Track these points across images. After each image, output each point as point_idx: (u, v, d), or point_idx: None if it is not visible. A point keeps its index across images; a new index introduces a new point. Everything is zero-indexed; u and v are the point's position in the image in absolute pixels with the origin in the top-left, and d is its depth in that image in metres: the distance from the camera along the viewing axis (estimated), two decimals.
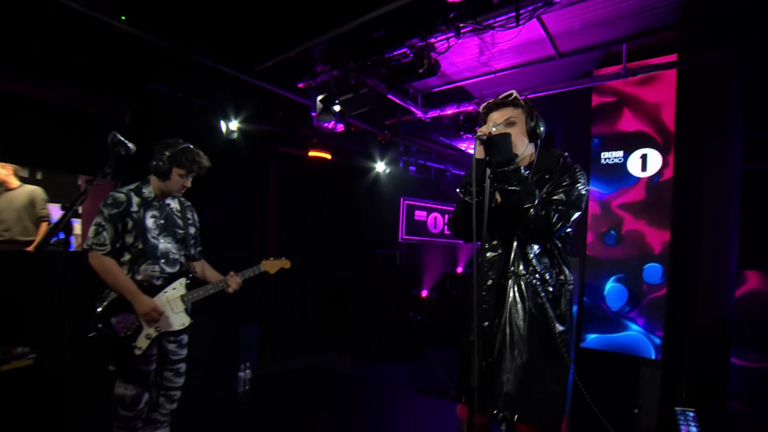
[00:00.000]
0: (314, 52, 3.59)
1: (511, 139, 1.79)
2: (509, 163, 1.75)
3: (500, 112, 1.97)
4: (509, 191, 1.77)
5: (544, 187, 1.89)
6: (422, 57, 3.15)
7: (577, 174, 1.90)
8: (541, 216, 1.75)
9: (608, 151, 4.32)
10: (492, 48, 3.86)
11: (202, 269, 3.06)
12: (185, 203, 2.98)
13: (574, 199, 1.83)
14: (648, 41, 3.88)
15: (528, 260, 1.89)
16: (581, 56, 4.09)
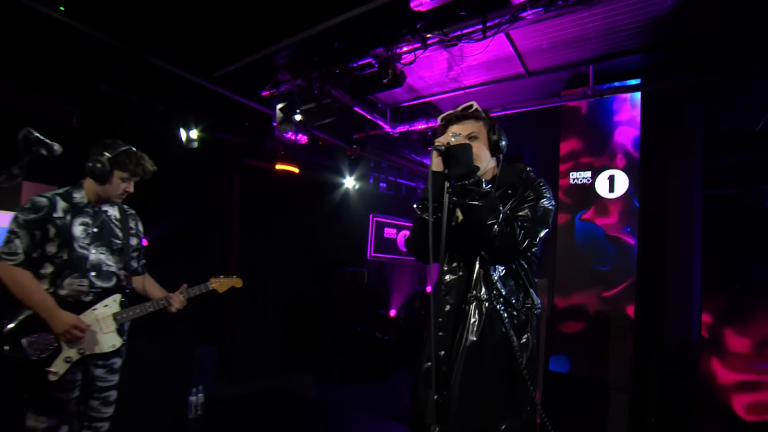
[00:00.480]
0: (277, 58, 3.38)
1: (472, 150, 1.63)
2: (470, 175, 1.59)
3: (461, 126, 1.81)
4: (470, 206, 1.59)
5: (508, 203, 1.73)
6: (387, 67, 2.98)
7: (541, 188, 1.74)
8: (506, 233, 1.58)
9: (577, 171, 4.24)
10: (461, 63, 3.74)
11: (144, 285, 2.75)
12: (128, 211, 2.67)
13: (540, 215, 1.67)
14: (614, 64, 3.85)
15: (491, 283, 1.71)
16: (550, 76, 4.02)
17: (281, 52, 3.29)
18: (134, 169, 2.41)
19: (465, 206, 1.61)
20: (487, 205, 1.58)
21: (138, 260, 2.70)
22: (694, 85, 3.90)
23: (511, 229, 1.59)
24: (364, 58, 3.22)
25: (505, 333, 1.70)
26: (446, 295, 1.80)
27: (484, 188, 1.59)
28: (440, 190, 1.67)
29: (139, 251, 2.70)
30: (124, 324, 2.55)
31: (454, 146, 1.61)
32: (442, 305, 1.79)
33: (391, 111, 4.62)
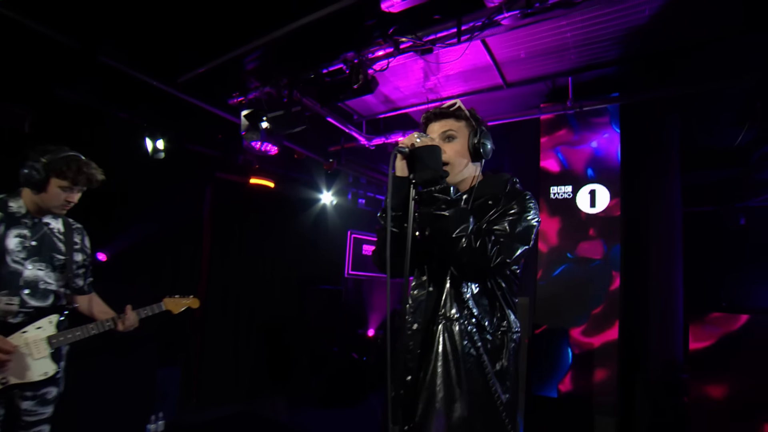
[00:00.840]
0: (245, 63, 3.18)
1: (439, 152, 1.44)
2: (436, 181, 1.40)
3: (440, 123, 1.61)
4: (435, 216, 1.40)
5: (486, 215, 1.54)
6: (358, 72, 2.79)
7: (527, 202, 1.53)
8: (475, 248, 1.39)
9: (557, 185, 4.08)
10: (437, 72, 3.59)
11: (90, 305, 2.45)
12: (73, 225, 2.40)
13: (520, 231, 1.46)
14: (593, 77, 3.75)
15: (462, 301, 1.52)
16: (529, 89, 3.91)
17: (249, 57, 3.09)
18: (75, 177, 2.15)
19: (429, 216, 1.42)
20: (455, 215, 1.39)
21: (84, 278, 2.43)
22: (672, 99, 3.83)
23: (482, 244, 1.38)
24: (335, 63, 3.04)
25: (478, 357, 1.47)
26: (414, 312, 1.61)
27: (452, 196, 1.40)
28: (405, 198, 1.46)
29: (85, 268, 2.42)
30: (62, 348, 2.25)
31: (419, 148, 1.41)
32: (409, 323, 1.60)
33: (367, 123, 4.44)
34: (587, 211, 3.93)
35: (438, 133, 1.59)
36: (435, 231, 1.44)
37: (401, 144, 1.46)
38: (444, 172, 1.44)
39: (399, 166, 1.49)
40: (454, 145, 1.57)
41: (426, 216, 1.43)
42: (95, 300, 2.48)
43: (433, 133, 1.60)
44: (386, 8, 2.51)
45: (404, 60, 3.29)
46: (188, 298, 2.64)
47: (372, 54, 2.89)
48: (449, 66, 3.47)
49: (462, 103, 1.70)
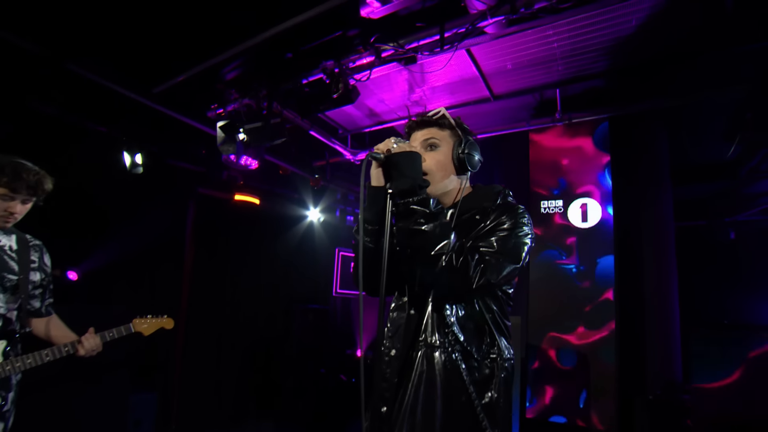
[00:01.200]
0: (224, 74, 3.03)
1: (419, 159, 1.29)
2: (414, 191, 1.25)
3: (423, 132, 1.46)
4: (413, 231, 1.25)
5: (473, 231, 1.37)
6: (338, 81, 2.63)
7: (519, 216, 1.37)
8: (456, 267, 1.23)
9: (548, 200, 3.92)
10: (423, 84, 3.46)
11: (47, 328, 2.21)
12: (31, 242, 2.16)
13: (509, 248, 1.30)
14: (581, 89, 3.64)
15: (446, 326, 1.35)
16: (517, 101, 3.79)
17: (227, 67, 2.94)
18: (10, 183, 1.89)
19: (407, 231, 1.26)
20: (434, 230, 1.23)
21: (42, 299, 2.18)
22: (661, 110, 3.72)
23: (464, 263, 1.23)
24: (315, 73, 2.90)
25: (463, 389, 1.28)
26: (392, 337, 1.44)
27: (431, 208, 1.25)
28: (382, 210, 1.30)
29: (43, 288, 2.18)
30: (11, 378, 2.01)
31: (396, 154, 1.27)
32: (385, 350, 1.44)
33: (352, 137, 4.29)
34: (579, 226, 3.77)
35: (419, 141, 1.44)
36: (413, 248, 1.27)
37: (376, 150, 1.31)
38: (424, 181, 1.29)
39: (374, 174, 1.34)
40: (435, 155, 1.42)
41: (403, 231, 1.27)
42: (54, 323, 2.25)
43: (415, 142, 1.45)
44: (366, 14, 2.38)
45: (388, 71, 3.17)
46: (161, 319, 2.44)
47: (353, 63, 2.75)
48: (435, 77, 3.34)
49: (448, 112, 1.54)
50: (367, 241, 1.39)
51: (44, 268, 2.20)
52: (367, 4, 2.35)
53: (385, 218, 1.26)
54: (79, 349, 2.09)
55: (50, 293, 2.24)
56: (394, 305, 1.50)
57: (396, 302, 1.49)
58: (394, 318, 1.47)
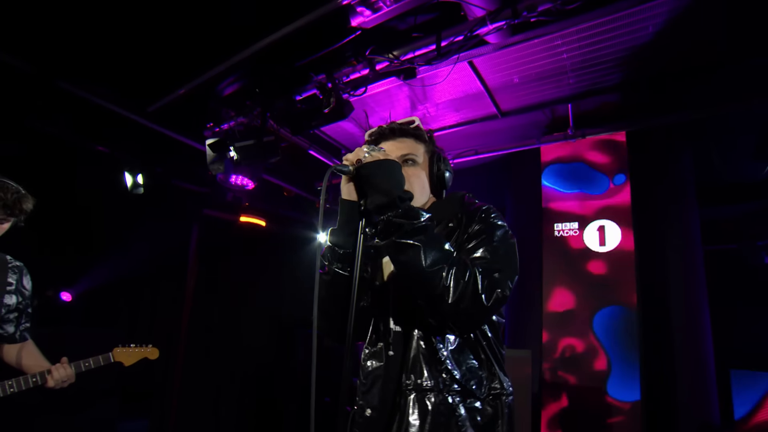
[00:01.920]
0: (219, 91, 2.87)
1: (398, 169, 1.07)
2: (394, 204, 1.02)
3: (396, 143, 1.27)
4: (399, 246, 1.02)
5: (452, 240, 1.18)
6: (329, 96, 2.43)
7: (491, 216, 1.18)
8: (464, 283, 1.00)
9: (562, 222, 3.58)
10: (425, 101, 3.23)
11: (19, 356, 2.01)
12: (10, 263, 2.00)
13: (503, 254, 1.11)
14: (596, 104, 3.34)
15: (438, 362, 1.11)
16: (527, 118, 3.52)
17: (220, 84, 2.79)
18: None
19: (393, 248, 1.03)
20: (428, 243, 1.01)
21: (16, 324, 2.00)
22: (683, 125, 3.37)
23: (471, 278, 1.00)
24: (308, 89, 2.71)
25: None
26: (366, 392, 1.19)
27: (420, 220, 1.02)
28: (355, 231, 1.11)
29: (19, 312, 2.00)
30: None
31: (367, 165, 1.05)
32: (359, 409, 1.19)
33: None
34: (596, 250, 3.40)
35: (396, 155, 1.22)
36: (401, 267, 1.05)
37: (345, 160, 1.09)
38: (405, 193, 1.06)
39: (345, 189, 1.13)
40: (415, 171, 1.24)
41: (389, 250, 1.04)
42: (27, 350, 2.04)
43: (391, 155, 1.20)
44: (357, 24, 2.18)
45: (387, 86, 2.97)
46: (144, 348, 2.28)
47: (347, 77, 2.55)
48: (437, 93, 3.12)
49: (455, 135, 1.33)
50: (339, 268, 1.17)
51: (22, 291, 2.03)
52: (358, 14, 2.16)
53: (357, 239, 1.07)
54: (49, 380, 1.89)
55: (27, 317, 2.06)
56: (366, 353, 1.24)
57: (368, 349, 1.24)
58: (369, 369, 1.21)
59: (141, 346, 2.27)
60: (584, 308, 3.29)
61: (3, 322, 1.94)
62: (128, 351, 2.22)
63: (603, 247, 3.39)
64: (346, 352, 1.05)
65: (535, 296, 3.50)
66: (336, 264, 1.17)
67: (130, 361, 2.23)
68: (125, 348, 2.22)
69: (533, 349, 3.07)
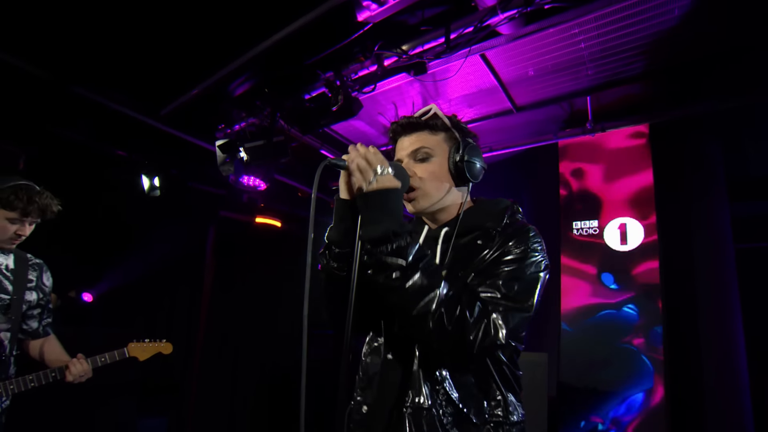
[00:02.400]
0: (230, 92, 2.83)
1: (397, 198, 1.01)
2: (387, 240, 0.96)
3: (411, 138, 1.19)
4: (386, 289, 0.98)
5: (474, 259, 1.08)
6: (337, 93, 2.36)
7: (531, 240, 1.08)
8: (448, 330, 0.95)
9: (580, 220, 3.40)
10: (437, 97, 3.12)
11: (42, 350, 2.09)
12: (30, 261, 2.06)
13: (520, 290, 1.01)
14: (615, 98, 3.16)
15: (436, 382, 1.05)
16: (544, 113, 3.37)
17: (230, 85, 2.75)
18: (25, 207, 1.86)
19: (380, 288, 0.99)
20: (415, 286, 0.95)
21: (39, 319, 2.08)
22: (710, 117, 3.15)
23: (459, 322, 0.94)
24: (317, 87, 2.64)
25: None
26: (364, 389, 1.15)
27: (409, 259, 0.95)
28: (351, 228, 1.06)
29: (41, 308, 2.08)
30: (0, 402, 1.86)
31: (369, 195, 0.99)
32: (356, 405, 1.15)
33: None
34: (618, 249, 3.22)
35: (407, 152, 1.17)
36: (390, 306, 1.03)
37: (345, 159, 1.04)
38: (401, 225, 0.98)
39: (344, 185, 1.08)
40: (428, 166, 1.15)
41: (377, 286, 0.99)
42: (50, 345, 2.11)
43: (402, 152, 1.19)
44: (363, 19, 2.09)
45: (398, 82, 2.86)
46: (159, 343, 2.32)
47: (355, 74, 2.47)
48: (450, 88, 3.00)
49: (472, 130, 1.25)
50: (334, 268, 1.11)
51: (42, 288, 2.11)
52: (364, 8, 2.07)
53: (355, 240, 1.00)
54: (67, 375, 1.95)
55: (49, 313, 2.12)
56: (366, 348, 1.20)
57: (369, 344, 1.19)
58: (368, 365, 1.17)
59: (155, 341, 2.31)
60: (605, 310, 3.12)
61: (26, 318, 2.02)
62: (143, 346, 2.26)
63: (624, 246, 3.20)
64: (344, 355, 0.98)
65: (553, 297, 3.35)
66: (332, 263, 1.10)
67: (145, 355, 2.27)
68: (140, 343, 2.25)
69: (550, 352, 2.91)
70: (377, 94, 3.04)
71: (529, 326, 1.06)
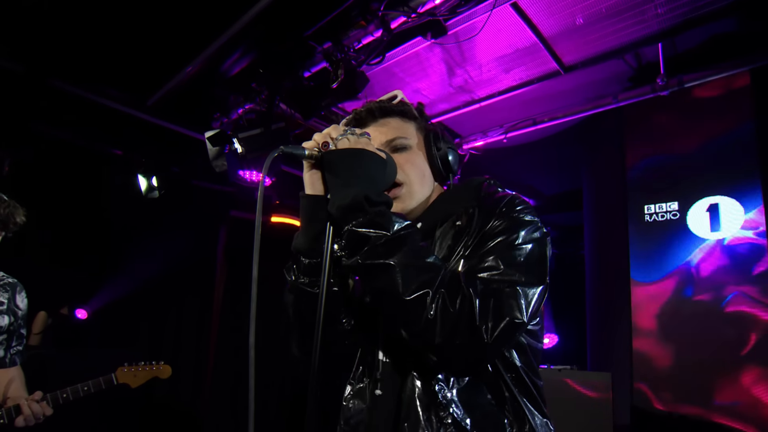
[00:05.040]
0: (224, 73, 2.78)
1: (375, 163, 0.96)
2: (360, 208, 0.89)
3: (379, 128, 1.14)
4: (370, 269, 0.90)
5: (458, 246, 1.01)
6: (338, 67, 2.23)
7: (517, 210, 1.00)
8: (453, 314, 0.85)
9: (655, 203, 3.10)
10: (464, 63, 2.91)
11: (2, 382, 2.03)
12: (2, 280, 2.06)
13: (527, 261, 0.94)
14: (698, 42, 2.81)
15: (440, 406, 0.95)
16: (599, 72, 3.06)
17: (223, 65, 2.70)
18: None
19: (361, 271, 0.92)
20: (406, 261, 0.88)
21: (7, 347, 2.03)
22: None
23: (465, 304, 0.85)
24: (317, 63, 2.52)
25: None
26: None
27: (393, 228, 0.89)
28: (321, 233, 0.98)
29: (9, 334, 2.03)
30: None
31: (335, 152, 0.94)
32: None
33: None
34: (706, 237, 2.89)
35: (381, 141, 1.12)
36: (373, 295, 0.95)
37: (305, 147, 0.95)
38: (378, 193, 0.92)
39: (308, 179, 1.00)
40: (409, 157, 1.11)
41: (356, 271, 0.94)
42: (13, 378, 2.04)
43: (374, 141, 1.11)
44: None
45: (414, 48, 2.70)
46: (154, 367, 2.28)
47: (358, 42, 2.32)
48: (478, 50, 2.77)
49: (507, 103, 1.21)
50: (304, 284, 1.03)
51: (14, 311, 2.08)
52: None
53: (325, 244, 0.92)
54: (17, 420, 1.87)
55: (19, 340, 2.08)
56: (350, 390, 1.12)
57: (352, 384, 1.12)
58: (351, 411, 1.08)
59: (150, 364, 2.26)
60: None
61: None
62: (134, 371, 2.21)
63: (716, 232, 2.86)
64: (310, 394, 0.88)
65: (620, 302, 3.09)
66: (301, 278, 1.02)
67: (137, 382, 2.21)
68: (132, 367, 2.21)
69: (620, 370, 2.67)
70: (391, 65, 2.91)
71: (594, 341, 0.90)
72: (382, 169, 0.96)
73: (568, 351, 5.79)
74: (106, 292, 3.76)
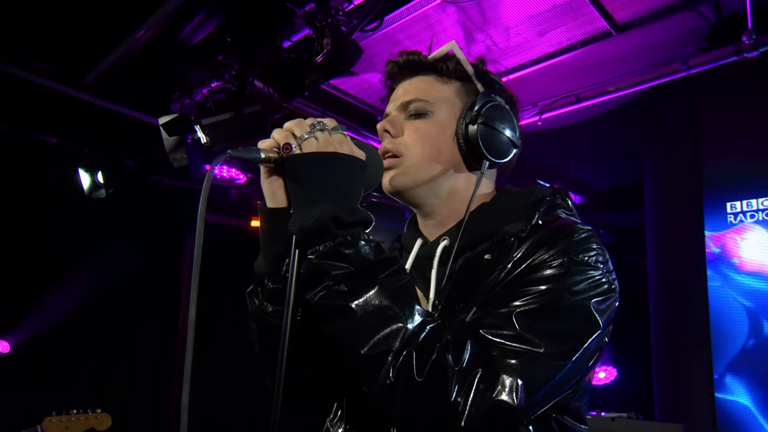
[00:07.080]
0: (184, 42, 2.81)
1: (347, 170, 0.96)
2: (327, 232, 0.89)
3: (406, 86, 1.16)
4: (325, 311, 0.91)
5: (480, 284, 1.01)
6: (323, 36, 2.26)
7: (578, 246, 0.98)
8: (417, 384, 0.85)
9: (740, 199, 3.17)
10: (485, 26, 2.92)
11: None
12: None
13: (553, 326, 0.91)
14: None
15: None
16: (663, 32, 3.08)
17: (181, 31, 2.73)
18: None
19: (317, 311, 0.92)
20: (369, 307, 0.87)
21: None
22: None
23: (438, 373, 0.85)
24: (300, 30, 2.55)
25: None
26: None
27: (364, 260, 0.89)
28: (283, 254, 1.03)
29: None
30: None
31: (299, 157, 0.92)
32: None
33: None
34: None
35: (397, 104, 1.14)
36: (332, 342, 0.93)
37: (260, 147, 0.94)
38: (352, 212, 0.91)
39: (268, 189, 1.01)
40: (422, 126, 1.12)
41: (314, 310, 0.92)
42: None
43: (392, 104, 1.17)
44: None
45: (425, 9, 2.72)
46: (90, 415, 2.38)
47: (348, 3, 2.34)
48: (504, 9, 2.79)
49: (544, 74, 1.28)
50: (268, 314, 1.05)
51: None
52: None
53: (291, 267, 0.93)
54: None
55: None
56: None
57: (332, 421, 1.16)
58: None
59: (85, 412, 2.35)
60: None
61: None
62: (66, 421, 2.29)
63: None
64: None
65: (697, 328, 3.12)
66: (265, 305, 1.04)
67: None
68: (63, 417, 2.29)
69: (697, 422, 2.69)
70: (393, 29, 2.94)
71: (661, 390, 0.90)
72: (359, 175, 0.95)
73: (630, 391, 5.76)
74: (37, 318, 3.82)
